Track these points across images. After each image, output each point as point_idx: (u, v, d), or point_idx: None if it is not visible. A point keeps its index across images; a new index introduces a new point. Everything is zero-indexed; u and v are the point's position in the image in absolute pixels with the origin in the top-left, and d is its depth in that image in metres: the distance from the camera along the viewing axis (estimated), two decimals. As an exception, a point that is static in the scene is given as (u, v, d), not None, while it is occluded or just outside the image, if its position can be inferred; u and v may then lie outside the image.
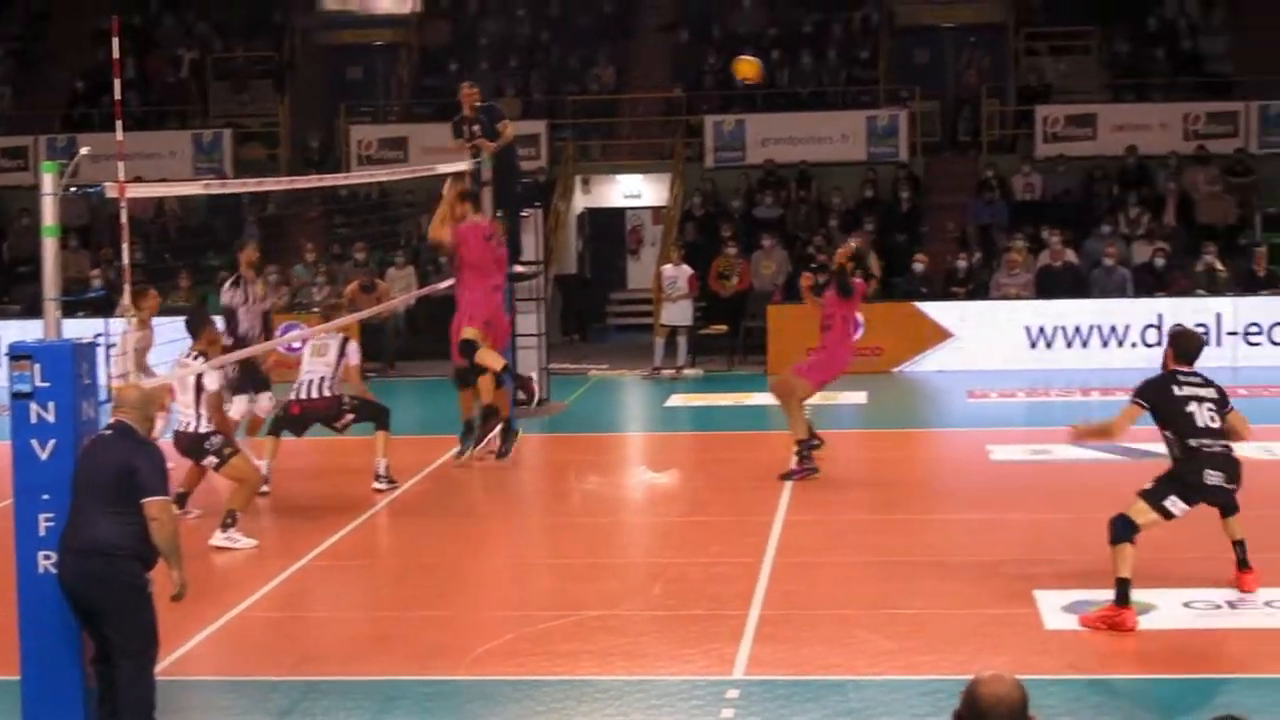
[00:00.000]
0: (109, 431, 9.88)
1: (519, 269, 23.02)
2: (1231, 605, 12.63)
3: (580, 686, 11.23)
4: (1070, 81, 35.32)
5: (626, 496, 18.72)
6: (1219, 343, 26.64)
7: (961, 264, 29.16)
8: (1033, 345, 27.06)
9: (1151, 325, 26.98)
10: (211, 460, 15.53)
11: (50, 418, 10.05)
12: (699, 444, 19.35)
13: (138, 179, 28.94)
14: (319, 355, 17.75)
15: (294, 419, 17.74)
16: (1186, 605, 12.69)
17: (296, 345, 20.20)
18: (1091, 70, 35.57)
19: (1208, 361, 16.63)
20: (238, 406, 17.81)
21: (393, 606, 13.72)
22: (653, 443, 22.56)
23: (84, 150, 10.67)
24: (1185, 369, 12.74)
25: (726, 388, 26.20)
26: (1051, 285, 28.14)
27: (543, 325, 24.10)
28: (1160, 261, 28.58)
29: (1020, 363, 26.95)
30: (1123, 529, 12.30)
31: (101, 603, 9.63)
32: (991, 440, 18.44)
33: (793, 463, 17.74)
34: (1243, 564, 12.94)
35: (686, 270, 28.24)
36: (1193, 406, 12.54)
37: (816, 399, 19.24)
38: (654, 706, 10.80)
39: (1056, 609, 12.69)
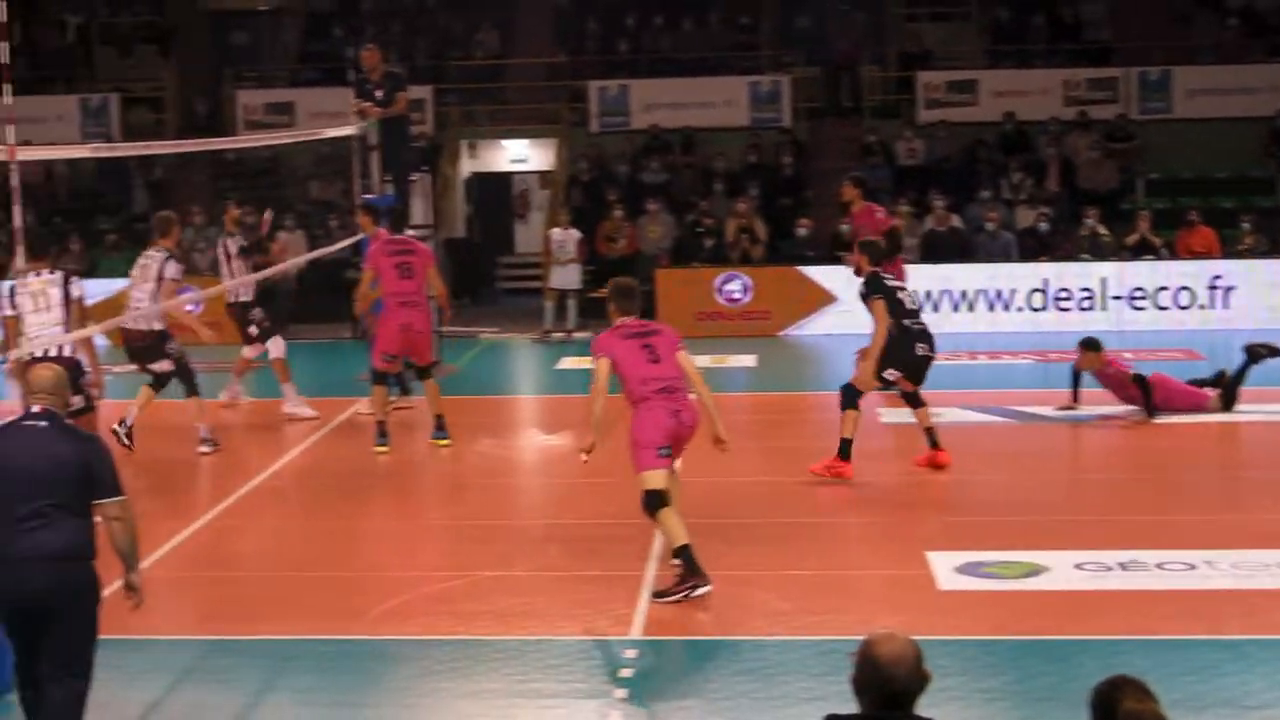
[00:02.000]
0: (39, 423, 8.77)
1: (409, 233, 23.16)
2: (1123, 567, 12.81)
3: (478, 646, 11.36)
4: (950, 48, 35.73)
5: (520, 459, 18.83)
6: (1104, 307, 27.16)
7: (845, 228, 29.43)
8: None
9: (1037, 289, 27.37)
10: (165, 365, 15.89)
11: None
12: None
13: (26, 143, 28.91)
14: None
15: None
16: (1078, 567, 12.84)
17: (190, 308, 20.43)
18: (971, 36, 35.98)
19: (1094, 325, 17.36)
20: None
21: (291, 567, 13.82)
22: (545, 405, 22.72)
23: None
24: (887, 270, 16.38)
25: (617, 350, 26.28)
26: (936, 250, 28.46)
27: (434, 288, 24.14)
28: (1044, 226, 28.98)
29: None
30: (849, 397, 15.81)
31: (65, 614, 8.63)
32: (880, 403, 18.70)
33: None
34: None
35: (574, 234, 28.43)
36: (902, 295, 16.05)
37: (707, 361, 19.39)
38: (552, 666, 10.93)
39: (949, 569, 12.85)
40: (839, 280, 27.32)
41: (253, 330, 20.10)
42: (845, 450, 15.81)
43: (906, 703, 6.04)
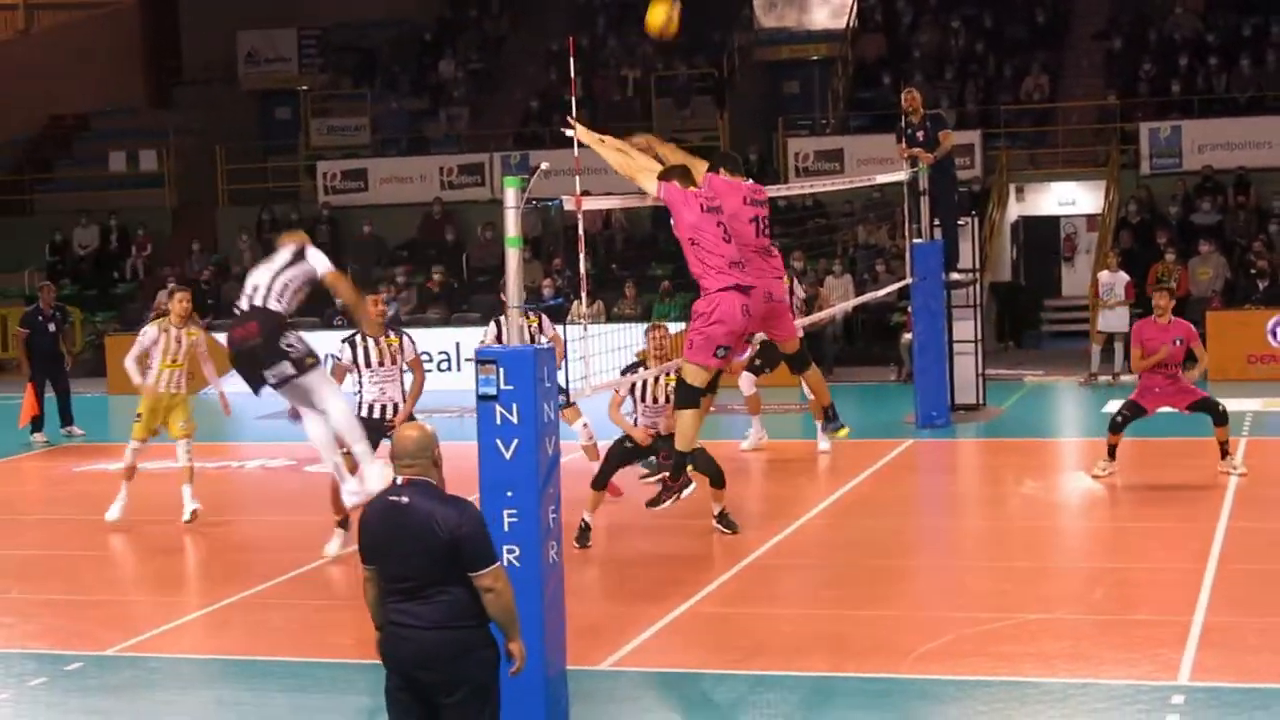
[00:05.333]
0: (404, 498, 8.22)
1: (955, 276, 23.48)
2: None
3: (1023, 688, 11.38)
4: None
5: (1064, 501, 18.69)
6: None
7: None
8: None
9: None
10: None
11: (514, 419, 10.45)
12: (1137, 449, 19.35)
13: (586, 193, 30.23)
14: None
15: None
16: None
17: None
18: None
19: None
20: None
21: (833, 605, 13.96)
22: (1089, 448, 22.36)
23: (544, 166, 11.02)
24: None
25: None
26: None
27: (979, 331, 24.43)
28: None
29: None
30: None
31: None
32: None
33: None
34: None
35: (1123, 277, 28.18)
36: None
37: (1258, 405, 18.84)
38: (1097, 710, 10.88)
39: None
40: None
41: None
42: None
43: None
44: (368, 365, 15.85)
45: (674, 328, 17.64)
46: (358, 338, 15.88)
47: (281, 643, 13.46)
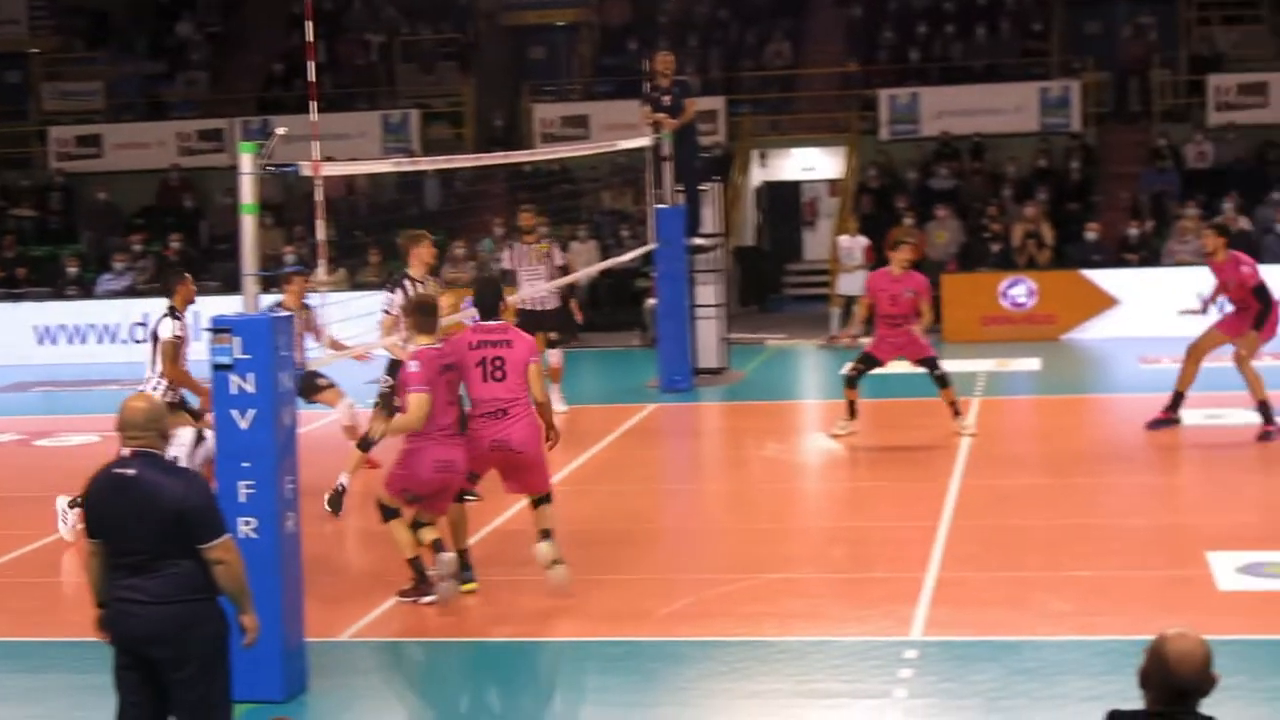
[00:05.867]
0: (130, 470, 8.04)
1: (698, 241, 23.64)
2: None
3: (762, 647, 11.54)
4: (1242, 51, 35.32)
5: (805, 462, 18.96)
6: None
7: (1133, 232, 29.37)
8: (1204, 311, 26.36)
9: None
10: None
11: (250, 388, 10.38)
12: (875, 411, 19.63)
13: (329, 158, 29.93)
14: None
15: None
16: None
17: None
18: (1263, 39, 35.49)
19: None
20: None
21: (577, 570, 13.60)
22: (830, 410, 22.46)
23: (280, 130, 10.83)
24: None
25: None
26: (1226, 252, 28.14)
27: (722, 296, 24.64)
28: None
29: (1189, 330, 26.77)
30: None
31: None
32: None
33: None
34: None
35: (862, 241, 28.65)
36: None
37: (991, 365, 19.27)
38: (834, 667, 11.06)
39: (1230, 570, 12.82)
40: (1122, 284, 27.19)
41: (553, 335, 20.44)
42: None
43: (1191, 700, 6.13)
44: None
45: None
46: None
47: (15, 624, 13.18)
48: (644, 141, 22.92)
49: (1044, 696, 10.38)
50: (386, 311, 15.81)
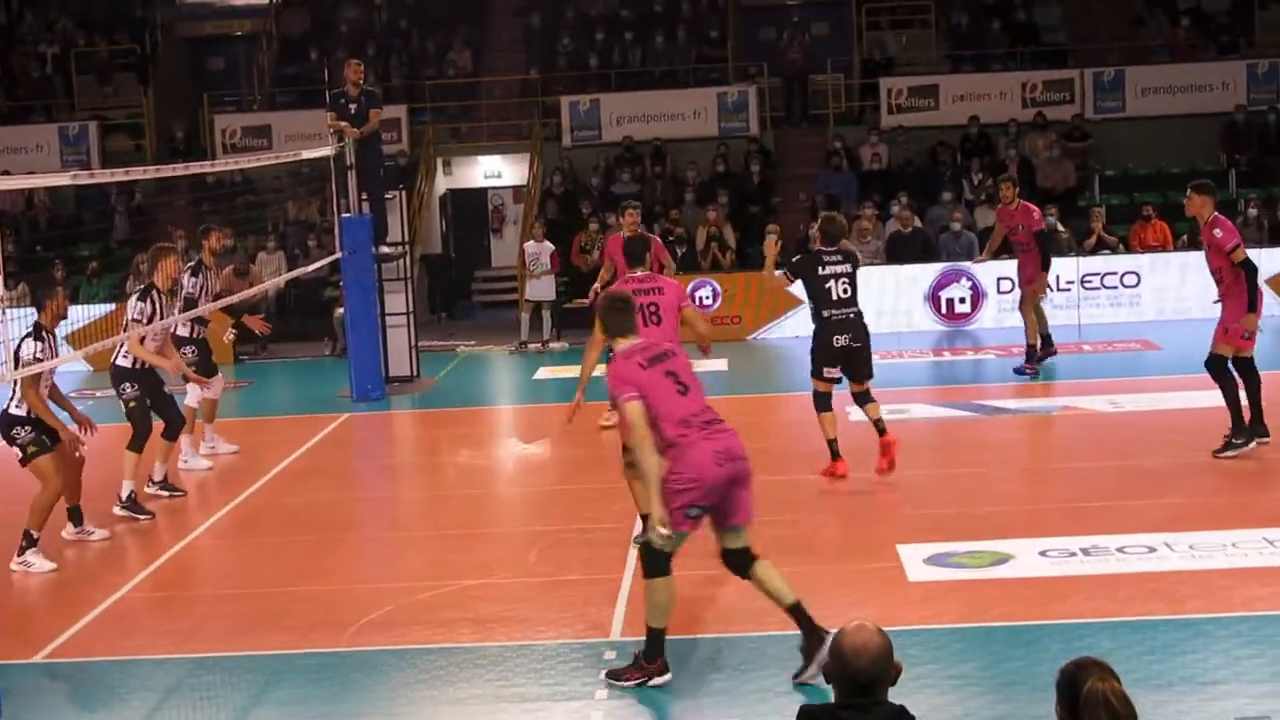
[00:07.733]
0: None
1: (385, 250, 23.69)
2: (1085, 552, 13.12)
3: (460, 653, 11.51)
4: (912, 55, 36.44)
5: (499, 468, 19.04)
6: (1066, 301, 27.68)
7: (813, 232, 29.99)
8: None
9: (1005, 288, 27.90)
10: (16, 452, 14.53)
11: None
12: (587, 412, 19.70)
13: (5, 173, 29.45)
14: None
15: None
16: (1042, 554, 13.17)
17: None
18: (932, 43, 36.62)
19: (1055, 320, 17.46)
20: (193, 394, 18.47)
21: (273, 583, 13.85)
22: (522, 415, 22.93)
23: None
24: (829, 249, 15.73)
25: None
26: (901, 250, 29.02)
27: (410, 304, 24.68)
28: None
29: (873, 327, 27.40)
30: (820, 402, 16.00)
31: None
32: (849, 403, 18.81)
33: None
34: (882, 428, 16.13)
35: (549, 246, 28.92)
36: (830, 283, 15.59)
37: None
38: (534, 670, 11.11)
39: (918, 561, 13.15)
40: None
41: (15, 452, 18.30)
42: (833, 450, 16.20)
43: (876, 691, 6.20)
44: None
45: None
46: None
47: None
48: (328, 151, 22.92)
49: (739, 692, 10.56)
50: (137, 320, 15.95)
